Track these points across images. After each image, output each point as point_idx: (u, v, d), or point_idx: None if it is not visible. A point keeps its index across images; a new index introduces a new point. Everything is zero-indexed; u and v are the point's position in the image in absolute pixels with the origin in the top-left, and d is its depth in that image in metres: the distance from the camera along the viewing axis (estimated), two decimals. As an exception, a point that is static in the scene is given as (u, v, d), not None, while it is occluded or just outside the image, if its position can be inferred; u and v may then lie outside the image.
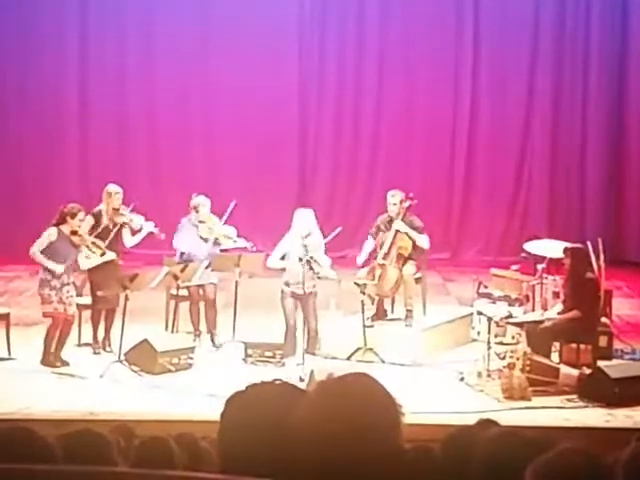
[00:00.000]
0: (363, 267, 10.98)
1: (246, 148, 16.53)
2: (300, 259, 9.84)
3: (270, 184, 16.17)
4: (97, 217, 10.50)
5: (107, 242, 10.30)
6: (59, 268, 9.80)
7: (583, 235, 13.59)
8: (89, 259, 10.19)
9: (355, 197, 16.70)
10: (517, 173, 16.95)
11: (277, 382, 2.54)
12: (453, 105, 16.83)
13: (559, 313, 10.02)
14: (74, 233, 9.91)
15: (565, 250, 10.19)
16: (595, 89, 16.70)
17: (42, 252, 9.82)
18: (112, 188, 10.66)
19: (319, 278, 10.03)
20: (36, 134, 16.43)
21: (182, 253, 11.00)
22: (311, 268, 9.89)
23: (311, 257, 9.86)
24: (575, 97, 16.80)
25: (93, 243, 10.13)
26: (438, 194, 16.48)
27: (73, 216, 9.88)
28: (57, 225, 9.91)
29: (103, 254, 10.21)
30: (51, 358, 9.90)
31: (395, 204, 11.02)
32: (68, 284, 9.93)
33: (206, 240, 10.89)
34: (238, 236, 11.02)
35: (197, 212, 10.94)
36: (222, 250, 11.09)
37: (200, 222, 10.92)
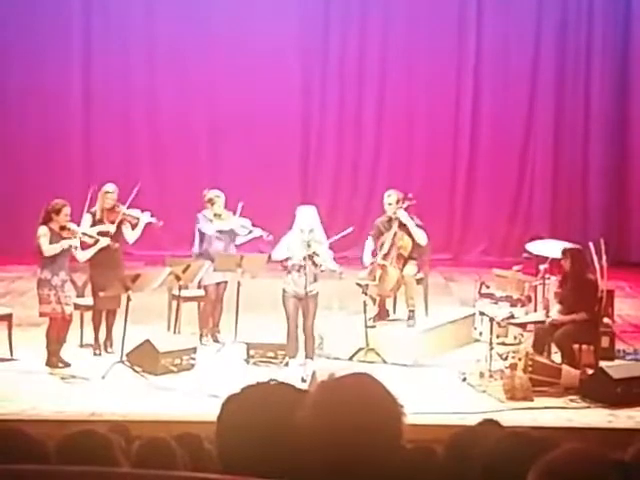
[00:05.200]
0: (370, 265, 10.92)
1: (250, 149, 16.54)
2: (303, 258, 9.80)
3: (273, 186, 16.13)
4: (95, 216, 10.47)
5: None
6: (75, 242, 9.77)
7: (586, 236, 13.56)
8: (84, 250, 10.13)
9: (357, 199, 16.70)
10: (520, 174, 16.97)
11: (272, 383, 2.53)
12: (455, 107, 16.86)
13: (562, 314, 9.97)
14: (63, 228, 9.79)
15: (564, 251, 10.15)
16: (598, 89, 16.71)
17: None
18: (105, 187, 10.59)
19: (322, 271, 9.96)
20: (38, 133, 16.43)
21: (201, 245, 10.97)
22: (313, 263, 9.84)
23: (313, 252, 9.82)
24: (578, 97, 16.81)
25: (84, 234, 10.05)
26: (441, 195, 16.50)
27: (58, 212, 9.77)
28: (44, 224, 9.79)
29: (96, 242, 10.16)
30: (54, 359, 9.89)
31: (390, 204, 10.94)
32: (66, 281, 9.88)
33: (222, 233, 10.88)
34: (253, 226, 11.02)
35: (212, 205, 10.93)
36: (238, 245, 11.09)
37: (215, 215, 10.92)
